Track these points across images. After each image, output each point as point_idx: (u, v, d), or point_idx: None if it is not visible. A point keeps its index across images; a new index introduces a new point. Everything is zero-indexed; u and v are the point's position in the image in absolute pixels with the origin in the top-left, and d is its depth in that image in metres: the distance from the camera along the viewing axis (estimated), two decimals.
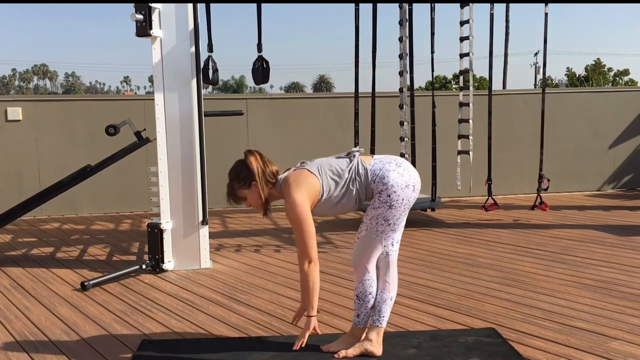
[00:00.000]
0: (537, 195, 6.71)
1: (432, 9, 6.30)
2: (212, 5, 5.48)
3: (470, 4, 6.03)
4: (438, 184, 6.44)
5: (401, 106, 6.32)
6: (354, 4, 6.11)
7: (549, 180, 6.63)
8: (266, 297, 4.06)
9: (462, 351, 3.05)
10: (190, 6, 4.70)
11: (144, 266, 4.71)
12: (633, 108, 8.58)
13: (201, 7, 4.97)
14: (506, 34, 6.43)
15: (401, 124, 6.29)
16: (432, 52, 6.47)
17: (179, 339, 3.37)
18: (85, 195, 7.42)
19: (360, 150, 2.99)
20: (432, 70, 6.58)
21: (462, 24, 6.16)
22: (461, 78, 6.44)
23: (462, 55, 6.25)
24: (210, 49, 5.57)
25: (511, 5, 6.37)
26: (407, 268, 4.68)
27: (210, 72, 5.52)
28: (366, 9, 6.35)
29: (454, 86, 43.83)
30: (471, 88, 6.18)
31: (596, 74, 44.17)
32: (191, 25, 4.71)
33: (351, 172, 2.88)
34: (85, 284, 4.29)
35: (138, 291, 4.27)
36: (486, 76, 7.67)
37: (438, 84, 46.50)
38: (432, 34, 6.42)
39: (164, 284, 4.46)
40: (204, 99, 4.88)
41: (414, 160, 6.29)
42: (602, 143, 8.55)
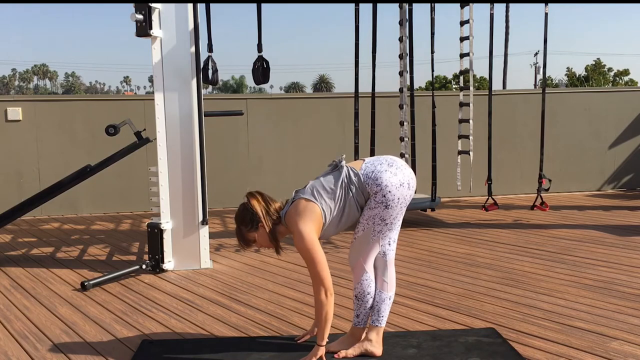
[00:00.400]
0: (537, 195, 6.72)
1: (432, 9, 6.30)
2: (212, 5, 5.48)
3: (470, 4, 6.04)
4: (438, 184, 6.45)
5: (401, 106, 6.32)
6: (354, 4, 6.11)
7: (550, 181, 6.63)
8: (266, 297, 4.06)
9: (462, 351, 3.05)
10: (190, 6, 4.70)
11: (144, 266, 4.71)
12: (633, 108, 8.58)
13: (201, 7, 4.97)
14: (506, 34, 6.43)
15: (401, 124, 6.29)
16: (432, 52, 6.47)
17: (179, 339, 3.37)
18: (85, 195, 7.42)
19: (343, 156, 2.97)
20: (432, 70, 6.58)
21: (462, 24, 6.16)
22: (461, 78, 6.44)
23: (462, 55, 6.25)
24: (210, 49, 5.57)
25: (511, 5, 6.37)
26: (407, 268, 4.68)
27: (210, 72, 5.52)
28: (366, 9, 6.36)
29: (454, 86, 43.84)
30: (471, 88, 6.18)
31: (596, 74, 44.18)
32: (191, 25, 4.72)
33: (343, 184, 2.87)
34: (85, 284, 4.29)
35: (138, 291, 4.27)
36: (486, 76, 7.68)
37: (438, 84, 46.51)
38: (432, 34, 6.43)
39: (164, 284, 4.46)
40: (204, 99, 4.88)
41: (414, 160, 6.30)
42: (602, 143, 8.55)
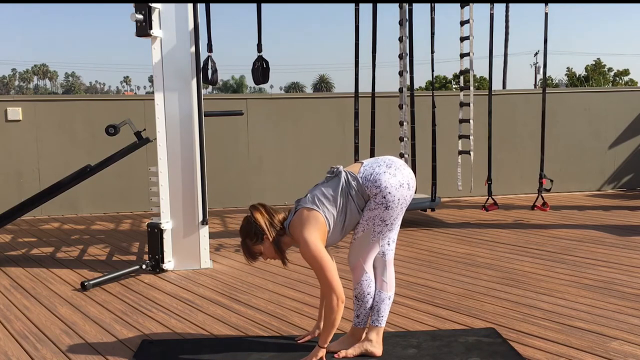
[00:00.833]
0: (538, 195, 6.71)
1: (432, 9, 6.30)
2: (212, 5, 5.48)
3: (470, 4, 6.04)
4: (438, 184, 6.44)
5: (401, 106, 6.32)
6: (353, 4, 6.11)
7: (552, 181, 6.62)
8: (266, 297, 4.06)
9: (462, 351, 3.05)
10: (190, 6, 4.70)
11: (144, 266, 4.71)
12: (633, 108, 8.58)
13: (201, 7, 4.97)
14: (506, 33, 6.45)
15: (401, 124, 6.29)
16: (432, 52, 6.47)
17: (179, 339, 3.37)
18: (85, 195, 7.42)
19: (339, 167, 2.95)
20: (432, 70, 6.58)
21: (462, 24, 6.16)
22: (461, 78, 6.44)
23: (462, 55, 6.25)
24: (210, 49, 5.57)
25: (511, 5, 6.39)
26: (407, 268, 4.68)
27: (210, 72, 5.52)
28: (366, 8, 6.35)
29: (454, 86, 43.83)
30: (471, 88, 6.18)
31: (596, 74, 44.16)
32: (191, 25, 4.72)
33: (343, 191, 2.87)
34: (85, 284, 4.29)
35: (138, 291, 4.27)
36: (486, 76, 7.68)
37: (438, 84, 46.47)
38: (432, 34, 6.43)
39: (164, 284, 4.46)
40: (204, 99, 4.88)
41: (414, 160, 6.30)
42: (602, 143, 8.55)
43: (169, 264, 4.79)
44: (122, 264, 5.02)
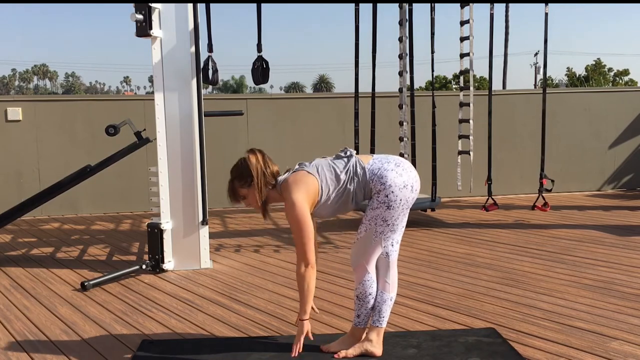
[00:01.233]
0: (538, 195, 6.71)
1: (432, 9, 6.30)
2: (212, 5, 5.48)
3: (470, 4, 6.04)
4: (438, 184, 6.44)
5: (401, 106, 6.32)
6: (353, 4, 6.11)
7: (553, 181, 6.62)
8: (266, 297, 4.06)
9: (462, 351, 3.05)
10: (190, 6, 4.70)
11: (144, 266, 4.71)
12: (633, 108, 8.58)
13: (201, 7, 4.97)
14: (506, 33, 6.48)
15: (401, 124, 6.29)
16: (432, 52, 6.47)
17: (179, 339, 3.37)
18: (85, 195, 7.42)
19: (353, 151, 2.97)
20: (432, 70, 6.58)
21: (462, 24, 6.16)
22: (461, 78, 6.44)
23: (462, 55, 6.25)
24: (210, 49, 5.57)
25: (511, 5, 6.41)
26: (407, 268, 4.68)
27: (210, 72, 5.52)
28: (366, 8, 6.36)
29: (454, 86, 43.83)
30: (471, 88, 6.18)
31: (596, 74, 44.15)
32: (191, 25, 4.72)
33: (349, 172, 2.87)
34: (85, 284, 4.29)
35: (138, 291, 4.27)
36: (486, 76, 7.67)
37: (438, 84, 46.46)
38: (432, 34, 6.43)
39: (164, 284, 4.46)
40: (204, 99, 4.88)
41: (414, 160, 6.30)
42: (602, 143, 8.55)
43: (169, 264, 4.79)
44: (122, 264, 5.02)
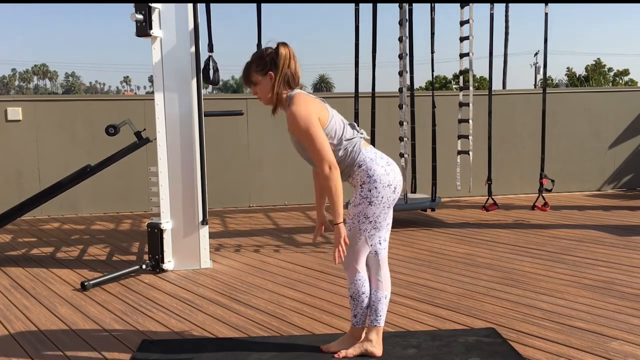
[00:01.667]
0: (538, 195, 6.71)
1: (432, 9, 6.30)
2: (212, 5, 5.48)
3: (470, 4, 6.04)
4: (438, 184, 6.44)
5: (401, 106, 6.32)
6: (353, 4, 6.11)
7: (553, 182, 6.62)
8: (266, 297, 4.06)
9: (462, 351, 3.05)
10: (190, 6, 4.70)
11: (144, 266, 4.71)
12: (633, 108, 8.58)
13: (201, 7, 4.97)
14: (506, 33, 6.43)
15: (401, 124, 6.29)
16: (432, 52, 6.47)
17: (179, 339, 3.37)
18: (85, 195, 7.42)
19: (364, 133, 2.96)
20: (432, 70, 6.58)
21: (462, 24, 6.16)
22: (461, 78, 6.44)
23: (462, 55, 6.25)
24: (211, 49, 5.57)
25: (511, 5, 6.38)
26: (407, 268, 4.68)
27: (211, 72, 5.52)
28: (366, 8, 6.35)
29: (454, 86, 43.83)
30: (471, 88, 6.18)
31: (596, 74, 44.17)
32: (191, 25, 4.72)
33: (351, 143, 2.86)
34: (85, 284, 4.29)
35: (138, 291, 4.27)
36: (486, 76, 7.67)
37: (438, 84, 46.49)
38: (432, 34, 6.43)
39: (163, 284, 4.46)
40: (204, 99, 4.88)
41: (414, 160, 6.30)
42: (602, 143, 8.55)
43: (169, 264, 4.79)
44: (122, 264, 5.02)
